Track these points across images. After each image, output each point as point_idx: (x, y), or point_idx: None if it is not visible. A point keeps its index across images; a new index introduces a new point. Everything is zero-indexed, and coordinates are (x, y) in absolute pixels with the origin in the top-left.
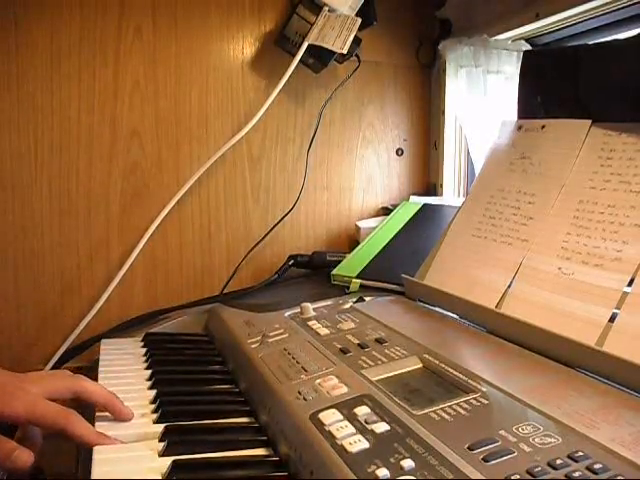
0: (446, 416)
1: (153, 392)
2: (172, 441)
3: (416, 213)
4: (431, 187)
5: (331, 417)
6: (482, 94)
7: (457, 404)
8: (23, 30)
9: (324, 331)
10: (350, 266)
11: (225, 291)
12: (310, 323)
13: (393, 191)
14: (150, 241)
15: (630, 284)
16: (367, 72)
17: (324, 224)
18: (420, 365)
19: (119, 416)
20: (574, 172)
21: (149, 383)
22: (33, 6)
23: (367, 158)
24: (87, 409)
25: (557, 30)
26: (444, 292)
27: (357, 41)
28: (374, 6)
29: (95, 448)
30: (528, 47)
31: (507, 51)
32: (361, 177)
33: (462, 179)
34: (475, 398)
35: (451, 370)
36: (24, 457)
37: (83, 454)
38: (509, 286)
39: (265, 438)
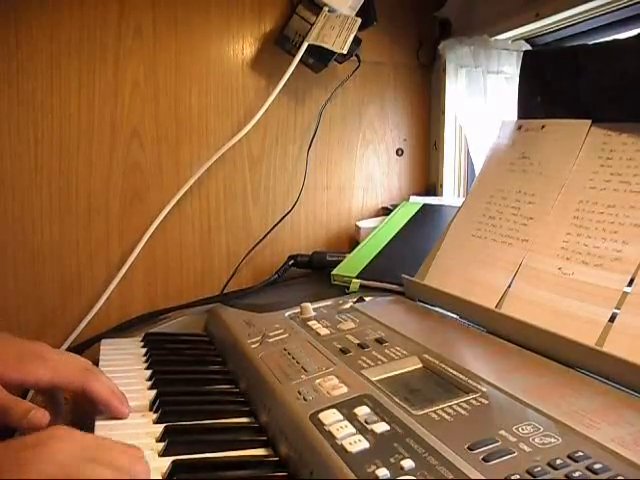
0: (446, 416)
1: (153, 392)
2: (172, 441)
3: (416, 213)
4: (431, 187)
5: (331, 417)
6: (482, 94)
7: (457, 404)
8: (23, 28)
9: (324, 331)
10: (350, 266)
11: (225, 291)
12: (310, 323)
13: (393, 191)
14: (150, 241)
15: (630, 284)
16: (367, 72)
17: (324, 224)
18: (420, 365)
19: (114, 415)
20: (574, 172)
21: (149, 383)
22: (33, 4)
23: (367, 158)
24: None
25: (557, 30)
26: (444, 292)
27: (357, 41)
28: (374, 6)
29: None
30: (528, 47)
31: (507, 51)
32: (361, 177)
33: (462, 179)
34: (475, 398)
35: (451, 370)
36: (39, 416)
37: None
38: (509, 286)
39: (265, 438)
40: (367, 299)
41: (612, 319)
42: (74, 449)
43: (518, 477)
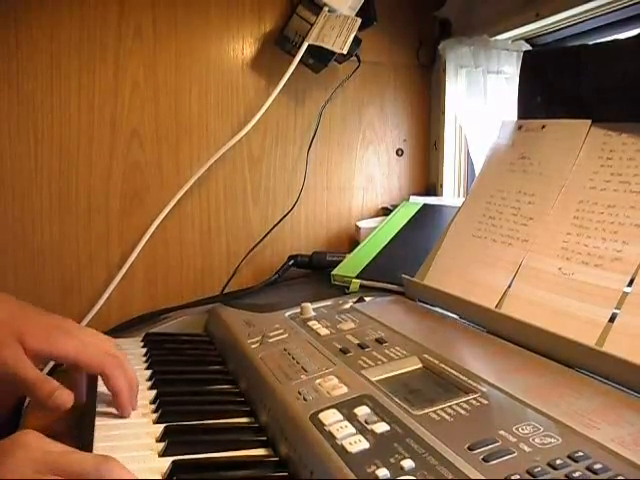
0: (446, 416)
1: (153, 392)
2: (172, 441)
3: (416, 213)
4: (431, 187)
5: (331, 417)
6: (482, 94)
7: (457, 404)
8: (23, 28)
9: (324, 331)
10: (350, 266)
11: (225, 291)
12: (310, 323)
13: (393, 191)
14: (150, 241)
15: (630, 284)
16: (367, 72)
17: (324, 224)
18: (420, 365)
19: (117, 409)
20: (574, 172)
21: (149, 383)
22: (33, 4)
23: (367, 158)
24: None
25: (557, 30)
26: (444, 292)
27: (357, 41)
28: (374, 6)
29: (94, 449)
30: (528, 47)
31: (507, 51)
32: (361, 177)
33: (462, 179)
34: (475, 398)
35: (451, 370)
36: (64, 397)
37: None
38: (509, 286)
39: (265, 438)
40: (367, 299)
41: (612, 319)
42: (37, 459)
43: (518, 477)
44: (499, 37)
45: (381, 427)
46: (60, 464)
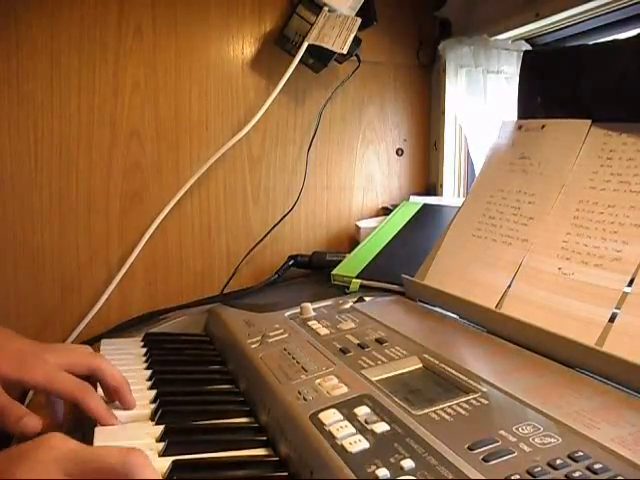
0: (446, 416)
1: (153, 392)
2: (172, 441)
3: (416, 213)
4: (431, 187)
5: (331, 417)
6: (482, 94)
7: (457, 404)
8: (23, 28)
9: (324, 331)
10: (350, 266)
11: (225, 291)
12: (310, 323)
13: (393, 191)
14: (150, 241)
15: (630, 284)
16: (367, 72)
17: (324, 224)
18: (420, 365)
19: (123, 404)
20: (574, 172)
21: (149, 383)
22: (33, 4)
23: (367, 158)
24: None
25: (557, 30)
26: (444, 292)
27: (357, 41)
28: (374, 6)
29: None
30: (528, 47)
31: (507, 51)
32: (361, 177)
33: (462, 179)
34: (475, 398)
35: (451, 370)
36: (32, 423)
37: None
38: (509, 286)
39: (265, 438)
40: (367, 299)
41: (612, 319)
42: (62, 458)
43: (518, 477)
44: (499, 37)
45: (381, 427)
46: (86, 459)
